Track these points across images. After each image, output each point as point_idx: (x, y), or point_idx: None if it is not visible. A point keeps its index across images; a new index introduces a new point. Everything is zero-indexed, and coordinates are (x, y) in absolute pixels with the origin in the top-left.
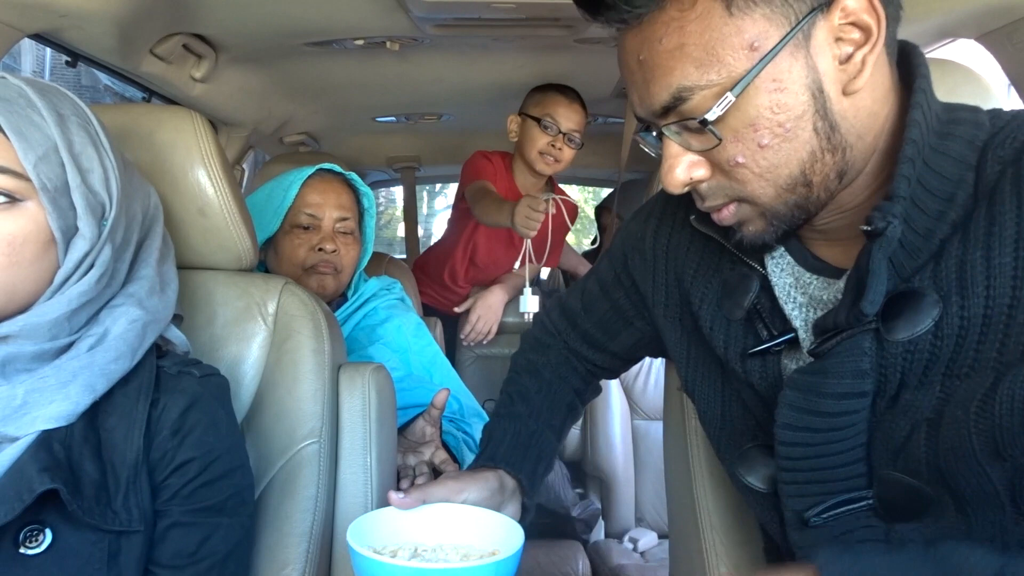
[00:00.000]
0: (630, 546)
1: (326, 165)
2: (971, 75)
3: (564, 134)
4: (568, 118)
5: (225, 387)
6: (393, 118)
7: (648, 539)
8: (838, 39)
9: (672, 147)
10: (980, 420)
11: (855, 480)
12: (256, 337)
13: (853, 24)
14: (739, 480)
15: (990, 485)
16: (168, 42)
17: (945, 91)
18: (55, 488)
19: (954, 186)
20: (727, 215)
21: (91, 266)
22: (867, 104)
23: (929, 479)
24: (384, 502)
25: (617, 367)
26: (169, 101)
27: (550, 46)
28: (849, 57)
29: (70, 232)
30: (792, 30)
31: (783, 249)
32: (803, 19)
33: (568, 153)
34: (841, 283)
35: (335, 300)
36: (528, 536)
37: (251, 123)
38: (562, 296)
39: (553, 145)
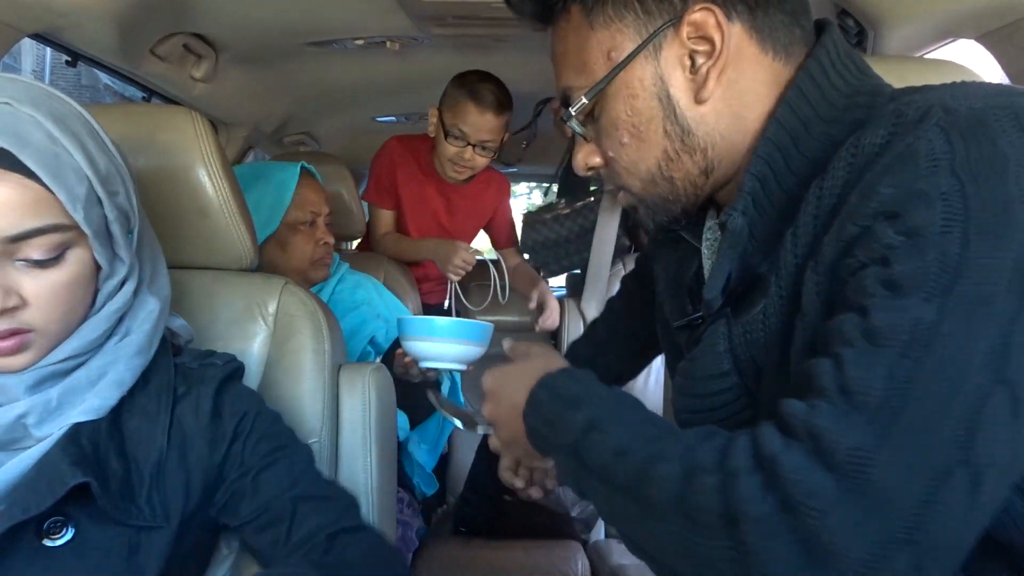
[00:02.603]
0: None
1: (306, 164)
2: (971, 75)
3: (474, 145)
4: (478, 129)
5: (243, 369)
6: (393, 118)
7: None
8: (689, 52)
9: (575, 134)
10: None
11: None
12: (257, 337)
13: (702, 38)
14: None
15: None
16: (168, 42)
17: None
18: (85, 482)
19: (821, 169)
20: (620, 199)
21: (125, 280)
22: (730, 108)
23: None
24: (384, 502)
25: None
26: (169, 101)
27: (550, 46)
28: (697, 69)
29: (112, 259)
30: (642, 43)
31: (719, 233)
32: (653, 33)
33: (481, 161)
34: None
35: None
36: (528, 536)
37: (251, 123)
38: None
39: (462, 155)
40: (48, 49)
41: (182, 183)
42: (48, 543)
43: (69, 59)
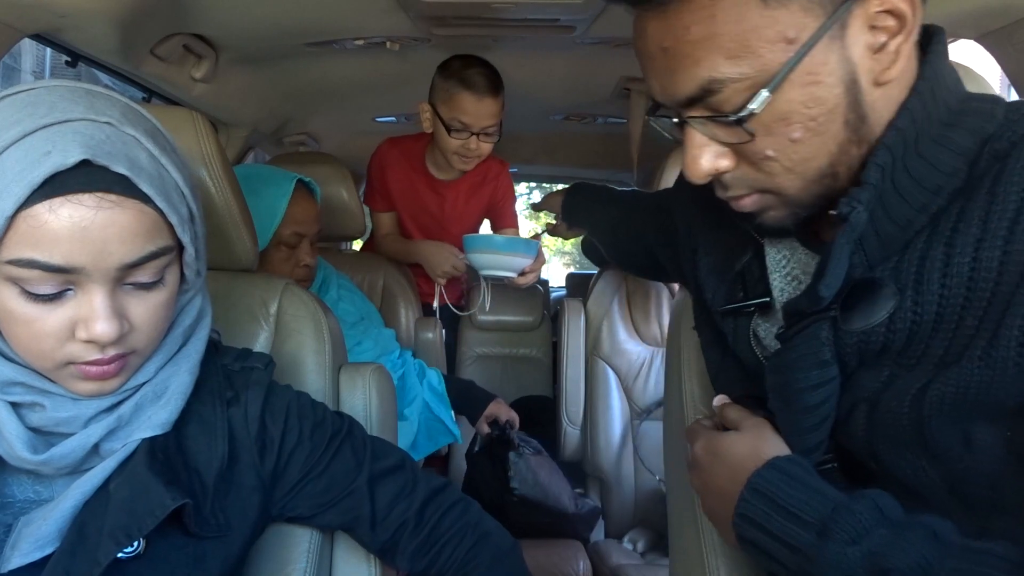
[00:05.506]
0: (630, 546)
1: (304, 178)
2: (971, 75)
3: (477, 134)
4: (479, 117)
5: (273, 366)
6: (393, 118)
7: (648, 539)
8: (873, 27)
9: (696, 137)
10: (912, 413)
11: (823, 443)
12: (258, 337)
13: (888, 12)
14: None
15: (927, 477)
16: (168, 42)
17: None
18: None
19: (945, 178)
20: (748, 203)
21: (197, 292)
22: (895, 93)
23: (865, 457)
24: None
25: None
26: (169, 101)
27: (550, 46)
28: (883, 46)
29: (195, 273)
30: (828, 20)
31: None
32: (839, 8)
33: (486, 147)
34: None
35: None
36: (528, 536)
37: (251, 123)
38: None
39: (467, 146)
40: (48, 49)
41: None
42: (120, 555)
43: (69, 59)
